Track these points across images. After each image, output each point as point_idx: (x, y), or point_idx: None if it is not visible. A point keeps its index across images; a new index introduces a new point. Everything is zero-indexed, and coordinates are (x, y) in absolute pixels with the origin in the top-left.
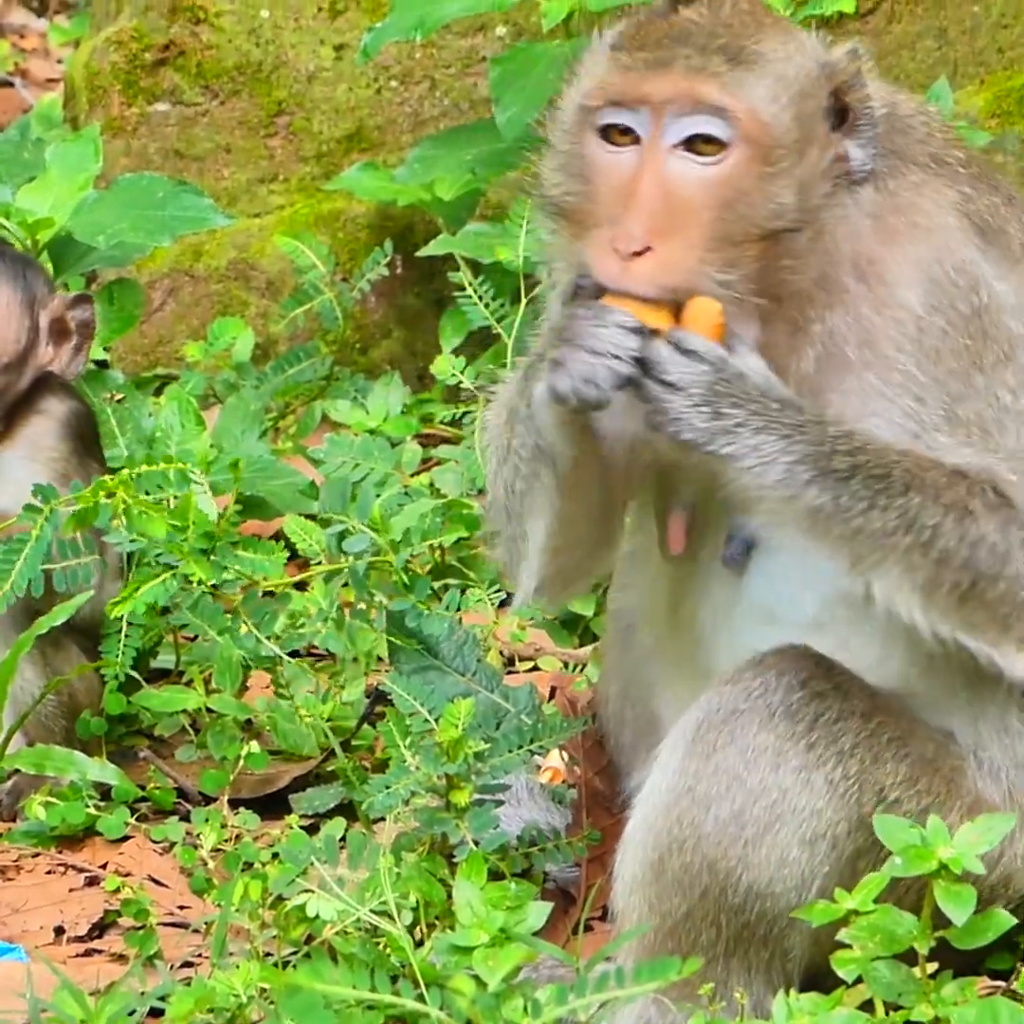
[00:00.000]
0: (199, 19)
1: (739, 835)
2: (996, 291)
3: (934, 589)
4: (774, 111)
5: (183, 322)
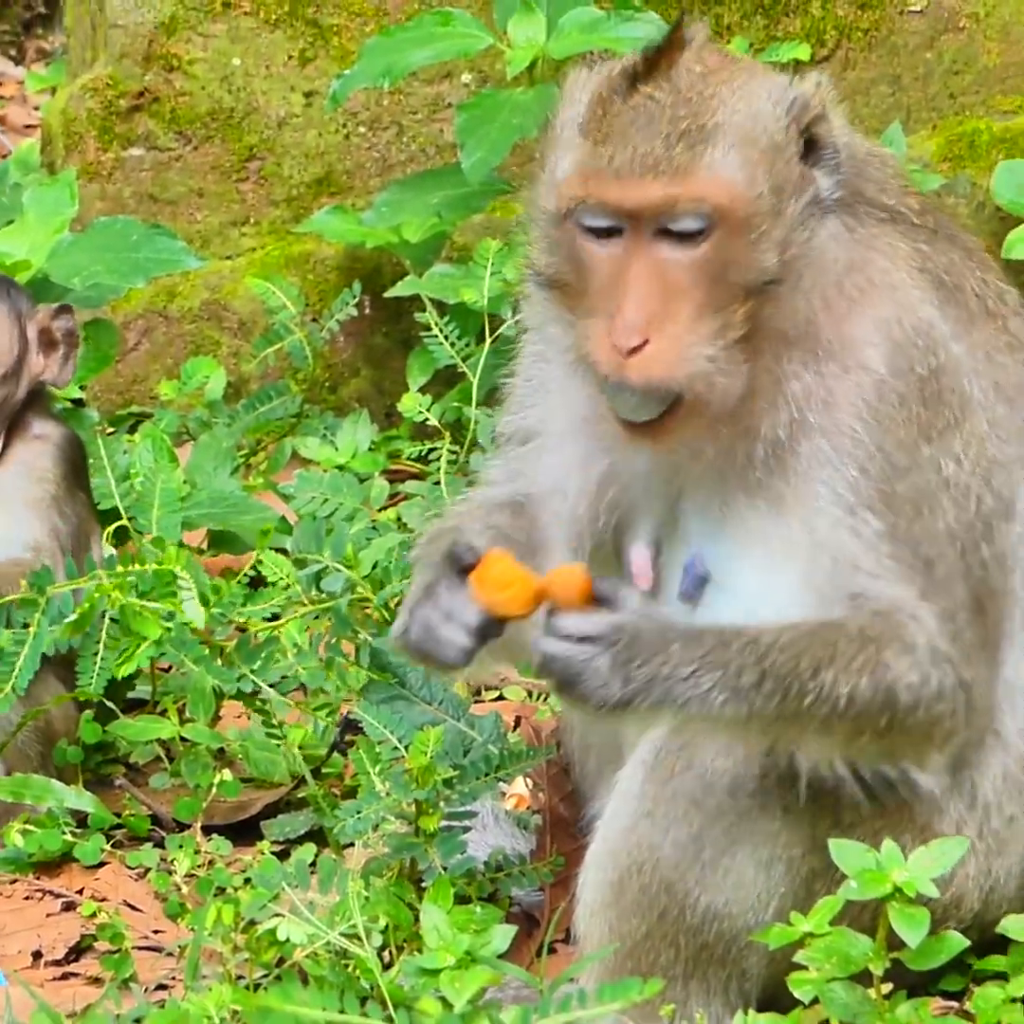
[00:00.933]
0: (173, 67)
1: (696, 858)
2: (952, 352)
3: (853, 740)
4: (746, 180)
5: (157, 361)
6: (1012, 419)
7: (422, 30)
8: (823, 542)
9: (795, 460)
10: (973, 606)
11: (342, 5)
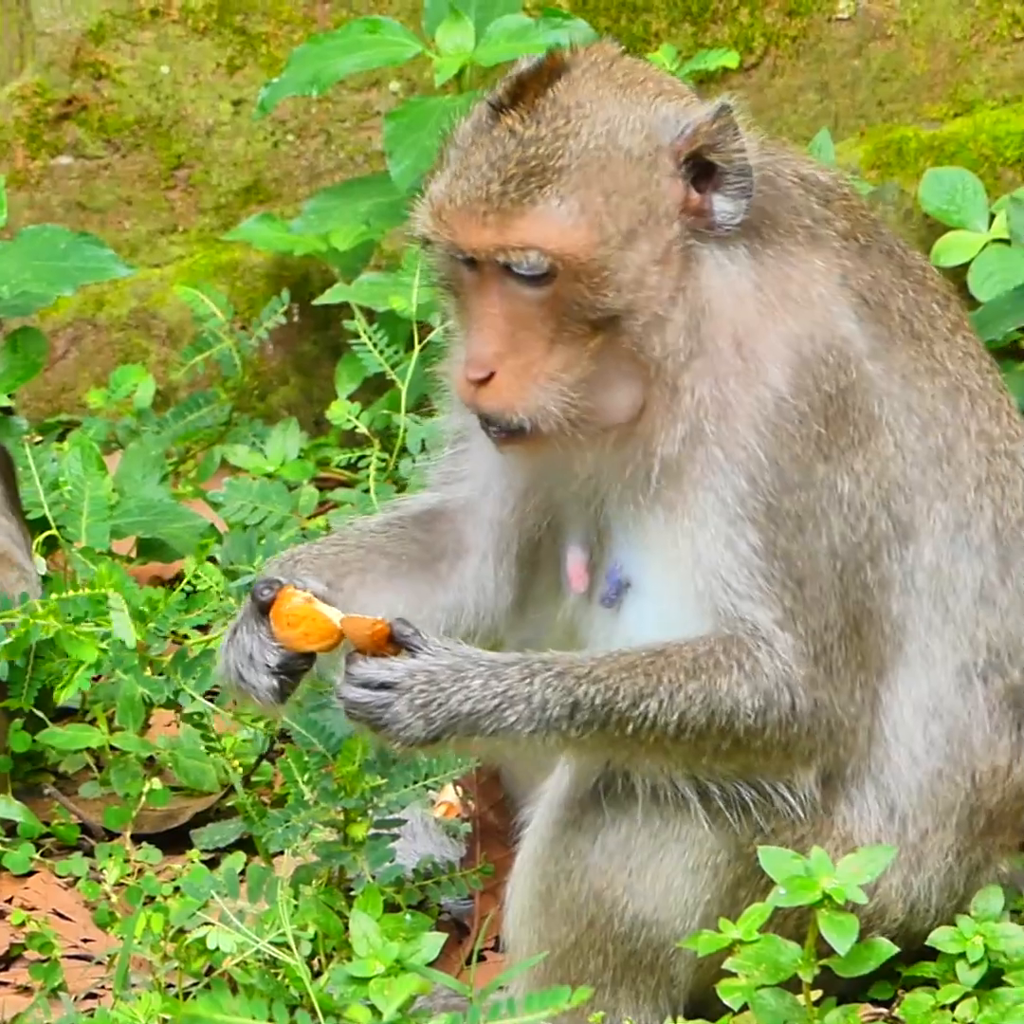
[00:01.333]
0: (101, 75)
1: (624, 865)
2: (866, 370)
3: (697, 760)
4: (587, 226)
5: (86, 369)
6: (922, 444)
7: (350, 38)
8: (701, 554)
9: (690, 467)
10: (846, 627)
11: (270, 13)
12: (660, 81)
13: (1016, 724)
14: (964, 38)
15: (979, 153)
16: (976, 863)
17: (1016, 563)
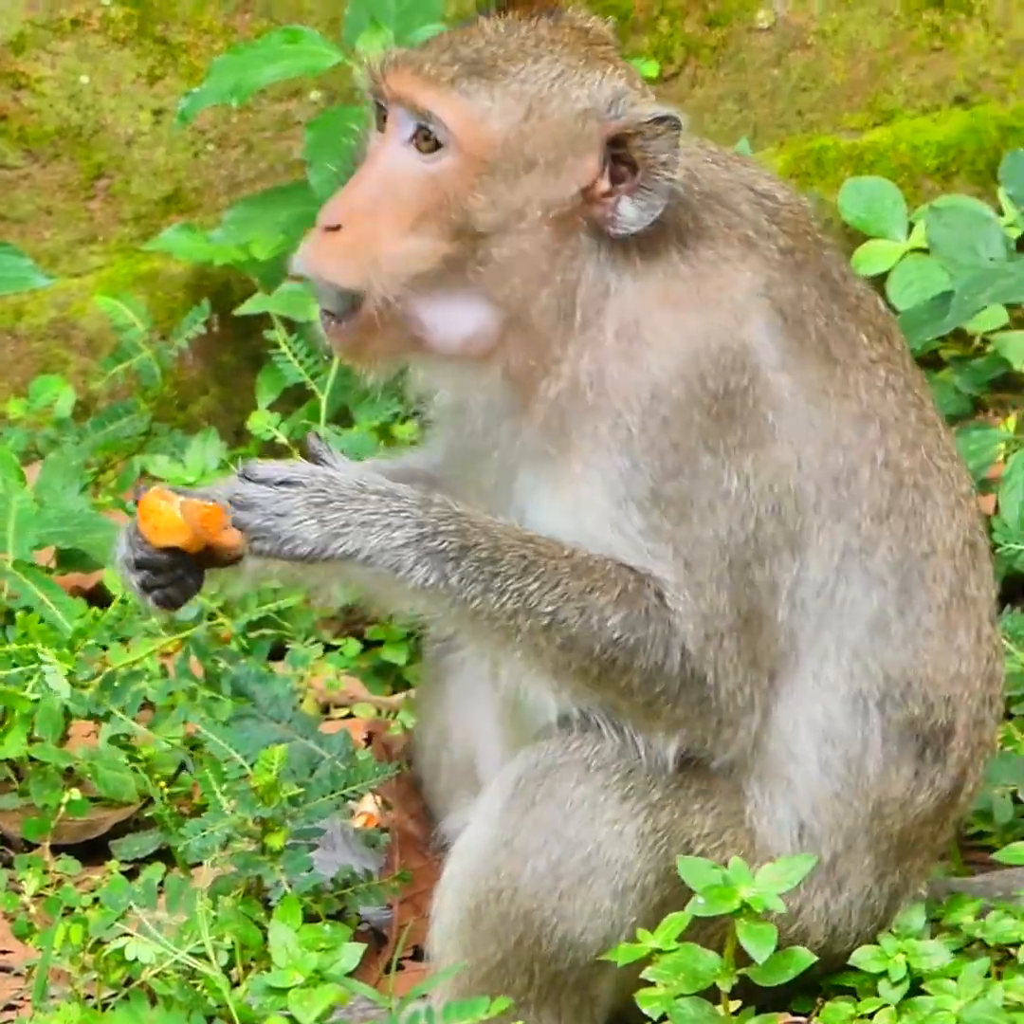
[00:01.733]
0: (20, 84)
1: (555, 887)
2: (766, 380)
3: (561, 673)
4: (495, 130)
5: (5, 379)
6: (821, 461)
7: (271, 48)
8: (594, 537)
9: (577, 441)
10: (737, 620)
11: (190, 23)
12: (630, 73)
13: (917, 755)
14: (883, 48)
15: (898, 162)
16: (896, 887)
17: (917, 598)
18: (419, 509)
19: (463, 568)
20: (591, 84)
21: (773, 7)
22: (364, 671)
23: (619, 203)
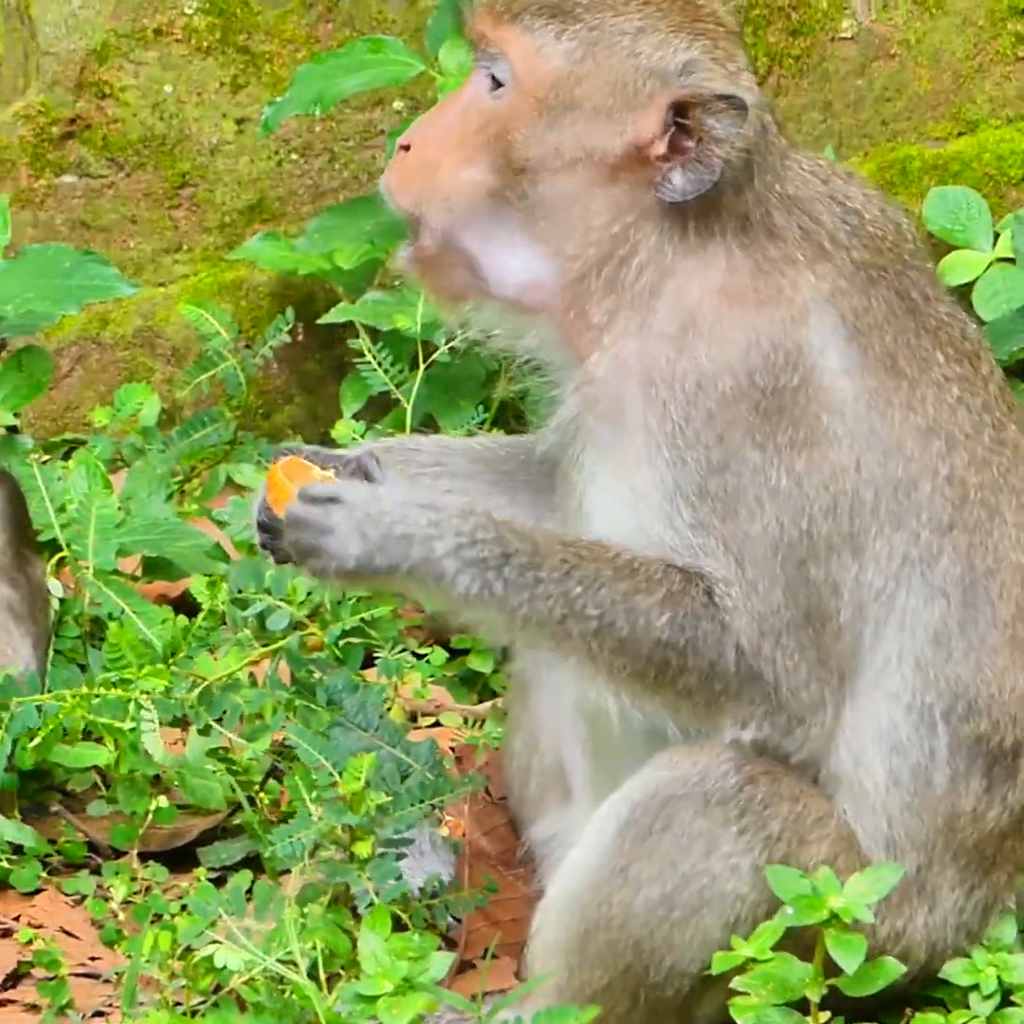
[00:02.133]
0: (105, 94)
1: (667, 918)
2: (821, 382)
3: (618, 677)
4: (550, 67)
5: (91, 388)
6: (882, 469)
7: (354, 57)
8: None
9: (631, 425)
10: (797, 617)
11: (273, 32)
12: (730, 52)
13: (985, 771)
14: (967, 58)
15: (983, 172)
16: (986, 901)
17: (982, 614)
18: (459, 519)
19: (505, 575)
20: (667, 47)
21: (856, 17)
22: (450, 680)
23: (671, 170)
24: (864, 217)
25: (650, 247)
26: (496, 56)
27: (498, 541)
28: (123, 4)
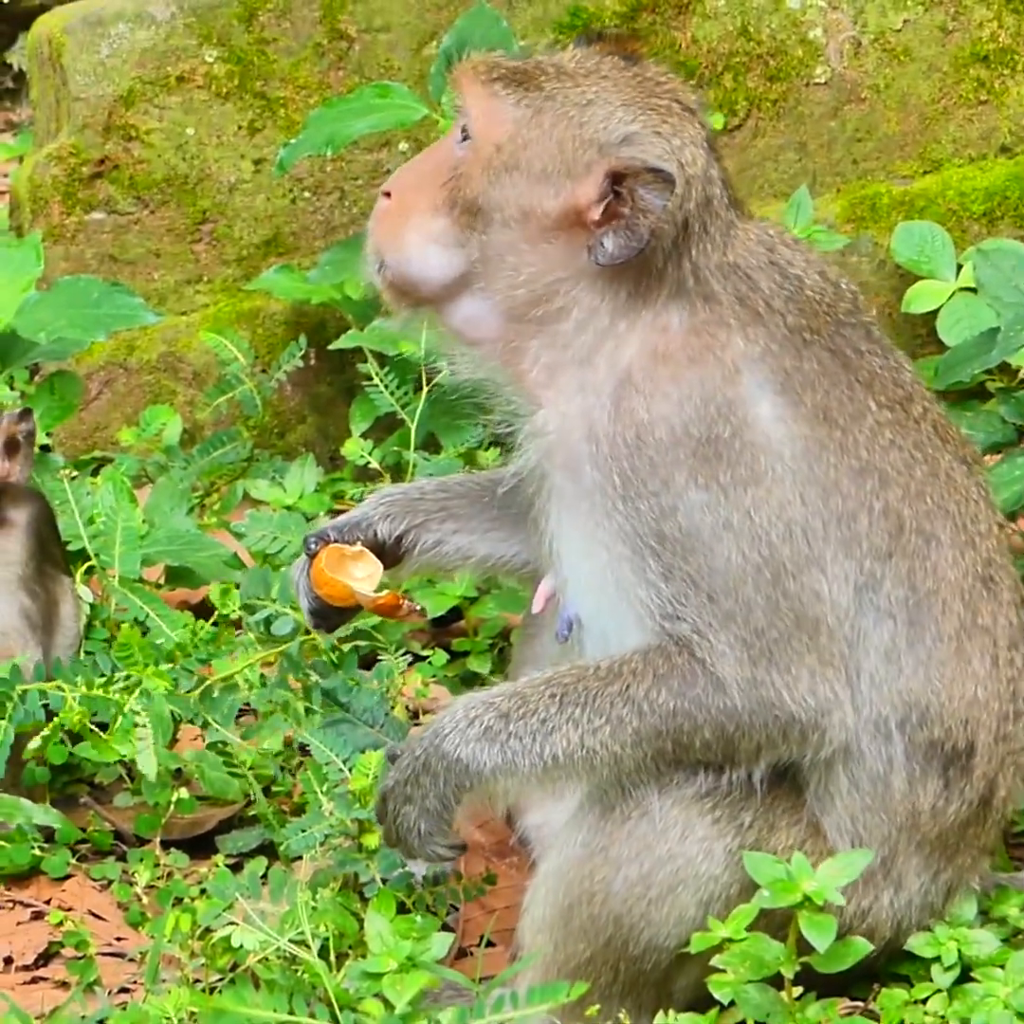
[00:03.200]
0: (131, 136)
1: (644, 895)
2: (756, 429)
3: (643, 764)
4: (502, 130)
5: (118, 410)
6: (823, 503)
7: (362, 102)
8: (619, 584)
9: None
10: (788, 628)
11: (288, 79)
12: (673, 118)
13: (943, 770)
14: (932, 101)
15: (947, 208)
16: (950, 883)
17: (928, 630)
18: (447, 716)
19: (511, 731)
20: (613, 119)
21: (830, 63)
22: (451, 680)
23: (604, 235)
24: (804, 282)
25: (586, 307)
26: (464, 111)
27: (488, 706)
28: (148, 53)
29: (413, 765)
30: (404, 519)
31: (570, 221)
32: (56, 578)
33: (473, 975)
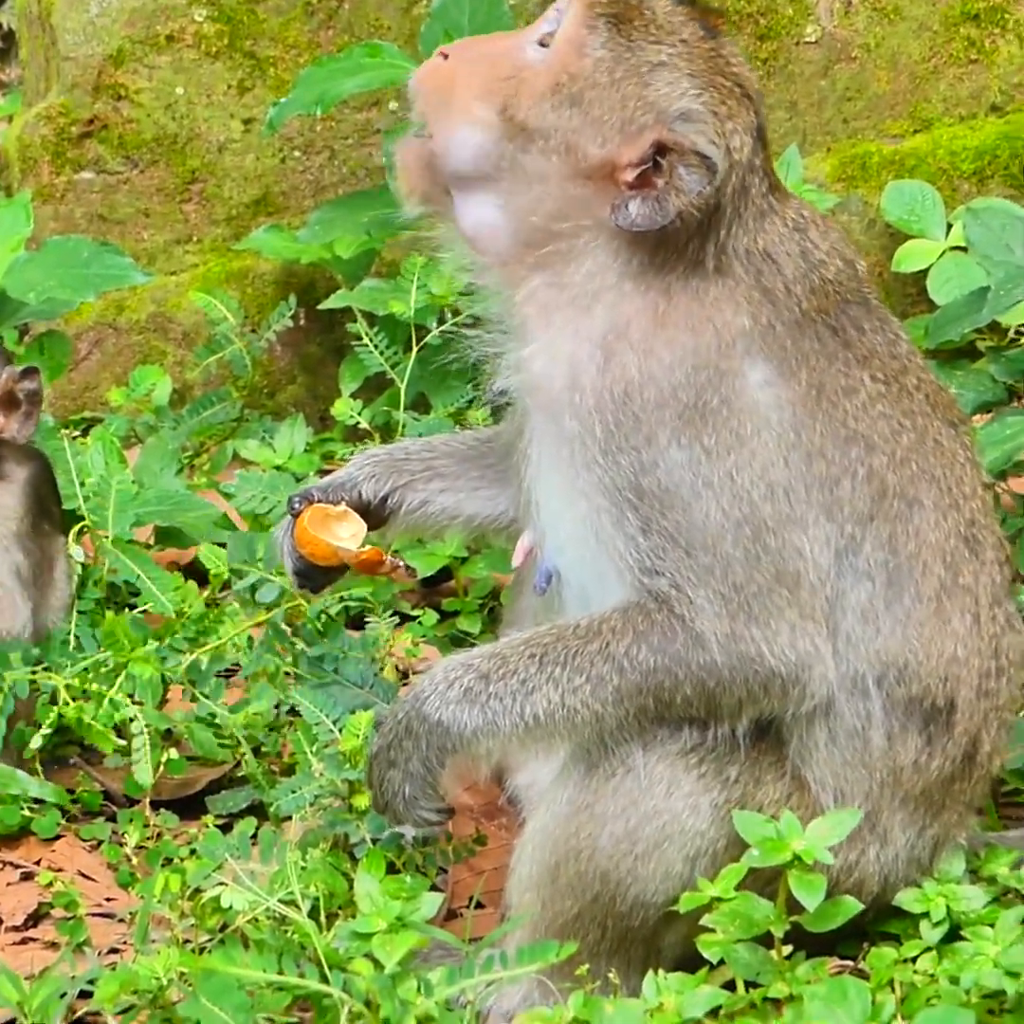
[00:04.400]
0: (120, 96)
1: (630, 851)
2: (745, 398)
3: (625, 721)
4: (580, 64)
5: (107, 370)
6: (807, 468)
7: (352, 61)
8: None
9: (569, 434)
10: (767, 582)
11: (278, 38)
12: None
13: (923, 726)
14: (923, 60)
15: (937, 167)
16: (937, 837)
17: (907, 591)
18: (427, 679)
19: (493, 693)
20: (676, 89)
21: (820, 22)
22: (441, 640)
23: (631, 198)
24: (827, 268)
25: (598, 261)
26: (561, 21)
27: (468, 667)
28: (137, 12)
29: (396, 729)
30: (389, 479)
31: (604, 173)
32: (52, 537)
33: (463, 936)
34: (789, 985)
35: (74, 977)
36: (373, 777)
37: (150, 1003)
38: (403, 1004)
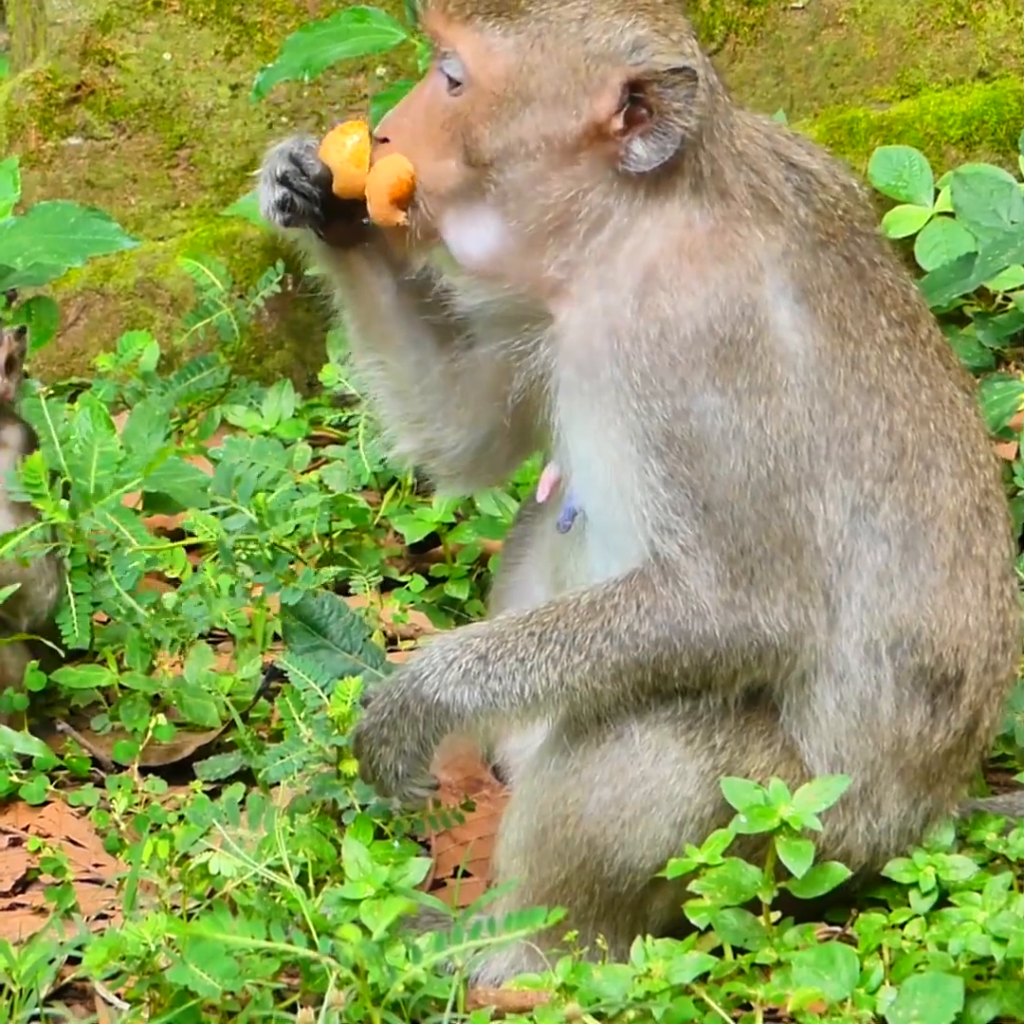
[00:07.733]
0: (108, 61)
1: (618, 817)
2: (776, 336)
3: (624, 696)
4: (501, 64)
5: (95, 336)
6: (830, 420)
7: (339, 26)
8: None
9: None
10: (772, 549)
11: (265, 3)
12: (671, 24)
13: (931, 697)
14: (910, 25)
15: (924, 132)
16: (929, 810)
17: (922, 557)
18: (424, 658)
19: (492, 673)
20: (614, 30)
21: None
22: (429, 606)
23: (631, 142)
24: (816, 180)
25: (605, 207)
26: (449, 55)
27: (465, 647)
28: None
29: (390, 708)
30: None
31: (591, 137)
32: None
33: (450, 904)
34: (777, 951)
35: (62, 943)
36: (362, 753)
37: (138, 969)
38: (391, 970)
